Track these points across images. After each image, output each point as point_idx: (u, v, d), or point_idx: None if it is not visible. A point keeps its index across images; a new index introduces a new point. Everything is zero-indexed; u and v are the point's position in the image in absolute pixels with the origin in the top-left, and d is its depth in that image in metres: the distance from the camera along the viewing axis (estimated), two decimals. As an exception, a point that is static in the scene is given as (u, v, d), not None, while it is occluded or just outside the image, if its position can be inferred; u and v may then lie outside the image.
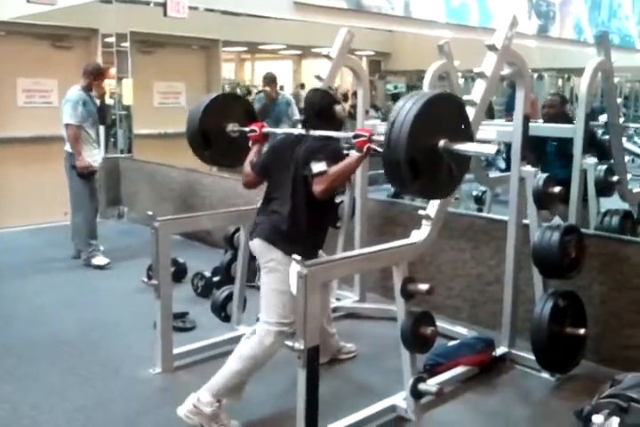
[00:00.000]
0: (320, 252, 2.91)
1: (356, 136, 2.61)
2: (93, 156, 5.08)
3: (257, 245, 2.77)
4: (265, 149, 3.06)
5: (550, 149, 4.55)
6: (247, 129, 3.13)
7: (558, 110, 4.61)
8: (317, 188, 2.61)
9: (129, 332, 3.69)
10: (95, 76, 4.98)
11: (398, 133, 2.17)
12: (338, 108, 2.88)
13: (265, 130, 3.10)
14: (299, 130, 2.89)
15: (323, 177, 2.60)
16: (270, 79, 6.75)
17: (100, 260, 4.99)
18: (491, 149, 2.28)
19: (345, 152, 2.76)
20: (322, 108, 2.86)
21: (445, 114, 2.30)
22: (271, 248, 2.70)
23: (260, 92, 12.26)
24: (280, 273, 2.58)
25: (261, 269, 2.78)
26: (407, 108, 2.19)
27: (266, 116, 6.38)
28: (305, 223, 2.72)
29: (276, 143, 2.99)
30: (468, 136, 2.35)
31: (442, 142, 2.22)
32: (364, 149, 2.58)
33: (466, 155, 2.35)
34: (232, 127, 3.26)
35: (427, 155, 2.22)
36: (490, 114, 6.71)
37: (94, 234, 5.10)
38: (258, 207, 2.92)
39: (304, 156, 2.71)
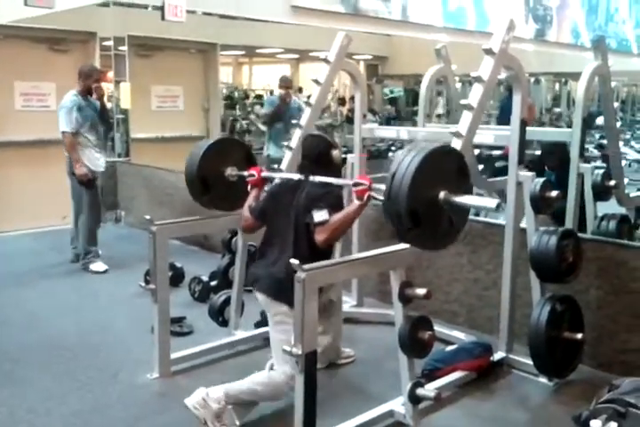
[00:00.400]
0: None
1: (355, 184, 2.62)
2: (95, 160, 5.00)
3: (262, 299, 2.78)
4: (264, 193, 3.06)
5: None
6: (246, 173, 3.13)
7: (560, 157, 4.43)
8: (320, 237, 2.62)
9: (126, 336, 3.68)
10: (91, 77, 4.85)
11: (399, 186, 2.22)
12: (335, 153, 2.90)
13: (264, 174, 3.11)
14: (297, 175, 2.89)
15: (325, 226, 2.61)
16: (287, 82, 6.74)
17: (98, 266, 4.97)
18: (491, 204, 2.30)
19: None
20: (319, 153, 2.87)
21: (445, 166, 2.34)
22: (277, 303, 2.70)
23: (267, 93, 12.25)
24: (288, 325, 2.56)
25: (270, 320, 2.80)
26: (407, 161, 2.24)
27: (278, 119, 6.37)
28: None
29: (275, 188, 3.00)
30: (467, 187, 2.39)
31: (442, 194, 2.27)
32: (365, 197, 2.59)
33: (465, 207, 2.38)
34: (230, 171, 3.26)
35: (427, 206, 2.27)
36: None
37: (93, 241, 5.06)
38: (258, 250, 2.93)
39: (305, 203, 2.72)
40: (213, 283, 4.29)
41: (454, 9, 8.03)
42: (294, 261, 2.29)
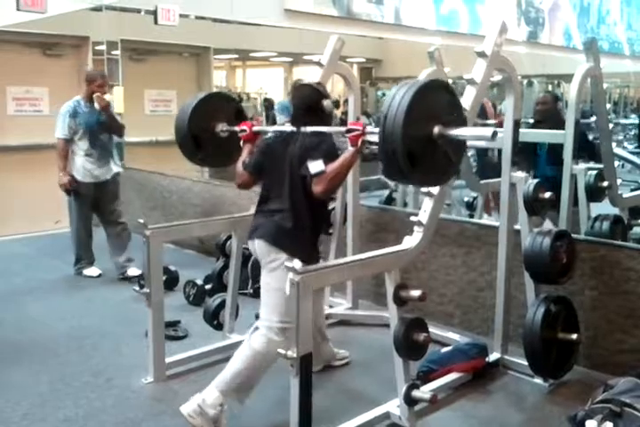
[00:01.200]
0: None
1: (349, 131, 2.59)
2: (85, 170, 4.71)
3: (259, 245, 2.75)
4: (257, 148, 3.03)
5: (541, 150, 4.58)
6: (237, 129, 3.11)
7: (550, 107, 4.62)
8: (318, 188, 2.60)
9: (121, 341, 3.67)
10: (94, 82, 4.59)
11: (392, 124, 2.15)
12: (326, 102, 2.86)
13: (255, 128, 3.08)
14: (290, 127, 2.86)
15: (322, 177, 2.59)
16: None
17: (91, 271, 4.92)
18: (487, 132, 2.25)
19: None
20: (310, 103, 2.84)
21: (437, 100, 2.28)
22: (275, 249, 2.69)
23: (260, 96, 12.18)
24: (283, 272, 2.52)
25: (263, 269, 2.77)
26: (399, 98, 2.17)
27: None
28: (307, 220, 2.72)
29: (269, 142, 2.96)
30: (462, 121, 2.33)
31: (436, 129, 2.21)
32: (359, 142, 2.56)
33: (461, 141, 2.33)
34: (221, 127, 3.23)
35: (423, 143, 2.21)
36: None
37: (80, 252, 4.95)
38: (255, 208, 2.90)
39: (299, 154, 2.70)
40: (208, 286, 4.28)
41: (447, 12, 8.07)
42: (288, 263, 2.29)
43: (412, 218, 2.79)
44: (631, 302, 3.10)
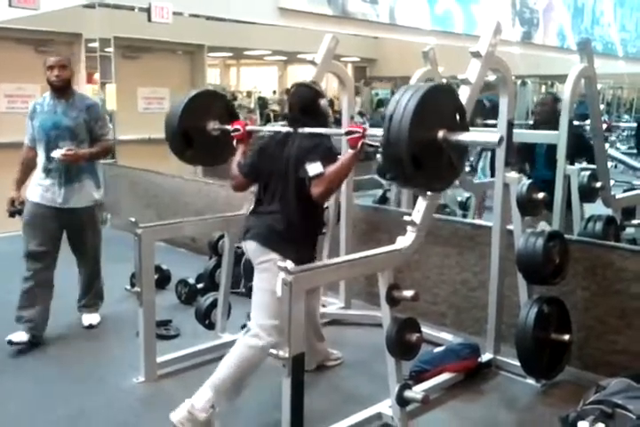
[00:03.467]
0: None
1: (348, 133, 2.57)
2: (38, 188, 3.57)
3: (251, 247, 2.74)
4: (251, 148, 3.00)
5: (539, 151, 4.57)
6: (230, 128, 3.07)
7: (550, 109, 4.62)
8: (316, 190, 2.57)
9: (112, 340, 3.65)
10: (46, 68, 3.52)
11: (398, 128, 2.13)
12: (323, 102, 2.84)
13: (249, 128, 3.04)
14: (286, 128, 2.83)
15: (320, 179, 2.56)
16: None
17: (17, 336, 3.44)
18: (493, 138, 2.25)
19: None
20: (307, 103, 2.81)
21: (442, 105, 2.27)
22: (266, 250, 2.68)
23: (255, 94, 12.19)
24: (273, 274, 2.50)
25: (255, 269, 2.76)
26: (405, 101, 2.15)
27: None
28: (300, 223, 2.70)
29: (264, 142, 2.92)
30: (464, 125, 2.32)
31: (441, 133, 2.20)
32: (358, 145, 2.54)
33: (464, 146, 2.32)
34: (213, 125, 3.20)
35: (427, 147, 2.19)
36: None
37: (19, 307, 3.55)
38: (249, 209, 2.89)
39: (296, 155, 2.67)
40: (200, 285, 4.27)
41: (442, 12, 8.07)
42: (281, 264, 2.27)
43: (406, 218, 2.78)
44: (624, 303, 3.11)
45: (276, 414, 2.45)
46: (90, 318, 3.84)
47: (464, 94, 2.89)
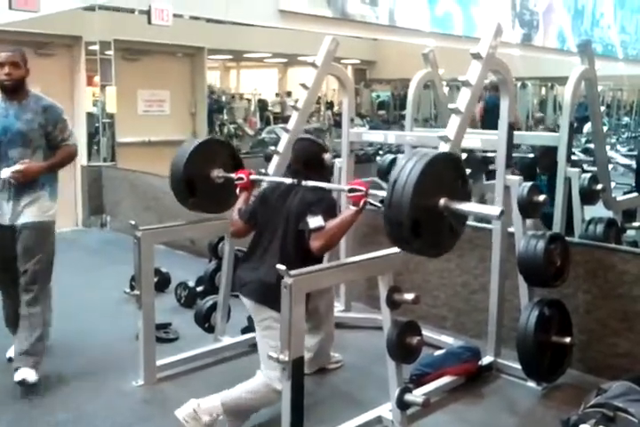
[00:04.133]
0: None
1: (351, 190, 2.58)
2: None
3: (249, 304, 2.74)
4: (253, 197, 3.01)
5: None
6: (234, 176, 3.08)
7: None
8: (316, 244, 2.58)
9: (111, 343, 3.63)
10: None
11: (400, 195, 2.18)
12: (327, 156, 2.87)
13: (253, 177, 3.05)
14: (289, 179, 2.83)
15: (320, 233, 2.57)
16: None
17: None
18: (494, 211, 2.29)
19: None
20: (311, 157, 2.84)
21: (445, 172, 2.31)
22: (265, 308, 2.65)
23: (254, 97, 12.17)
24: (276, 331, 2.50)
25: (256, 325, 2.76)
26: (409, 168, 2.19)
27: None
28: None
29: (266, 192, 2.93)
30: (466, 194, 2.35)
31: (442, 201, 2.23)
32: (361, 203, 2.56)
33: (464, 215, 2.35)
34: (217, 173, 3.21)
35: (428, 213, 2.23)
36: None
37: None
38: (242, 256, 2.89)
39: (298, 208, 2.68)
40: (200, 288, 4.25)
41: (442, 14, 8.07)
42: (280, 267, 2.27)
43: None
44: (625, 306, 3.10)
45: (276, 418, 2.44)
46: (25, 373, 3.00)
47: (465, 96, 2.89)
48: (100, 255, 5.34)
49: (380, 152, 7.50)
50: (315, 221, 2.58)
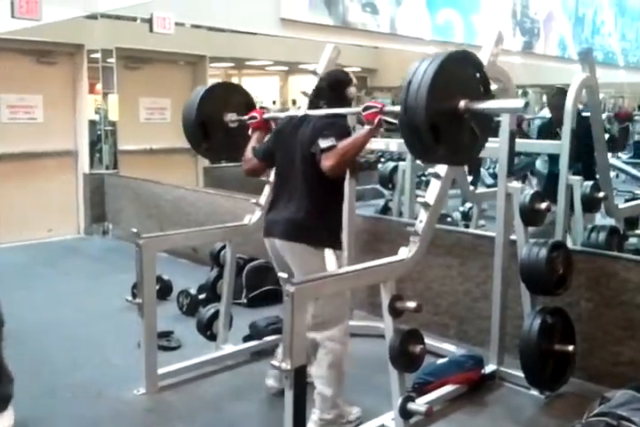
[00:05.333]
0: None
1: (366, 108, 2.50)
2: None
3: (280, 244, 2.71)
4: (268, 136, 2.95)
5: None
6: (246, 117, 3.02)
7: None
8: (326, 163, 2.49)
9: (113, 351, 3.63)
10: None
11: (415, 96, 2.05)
12: (352, 89, 2.80)
13: (266, 116, 2.99)
14: (302, 111, 2.77)
15: (331, 152, 2.48)
16: None
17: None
18: (517, 104, 2.17)
19: None
20: (337, 84, 2.77)
21: (464, 73, 2.20)
22: (297, 244, 2.64)
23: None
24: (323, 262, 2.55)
25: (295, 267, 2.71)
26: (423, 68, 2.08)
27: None
28: (320, 204, 2.66)
29: (280, 127, 2.87)
30: (489, 96, 2.24)
31: (462, 103, 2.12)
32: (375, 121, 2.47)
33: (488, 116, 2.24)
34: (230, 117, 3.16)
35: (448, 117, 2.11)
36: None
37: None
38: (268, 201, 2.86)
39: (311, 134, 2.62)
40: (202, 296, 4.25)
41: (442, 22, 8.09)
42: (282, 275, 2.26)
43: (409, 228, 2.77)
44: (628, 314, 3.08)
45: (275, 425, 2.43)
46: None
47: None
48: (101, 263, 5.33)
49: (382, 160, 7.52)
50: (325, 143, 2.50)
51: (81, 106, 6.52)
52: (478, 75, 2.25)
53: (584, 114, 3.81)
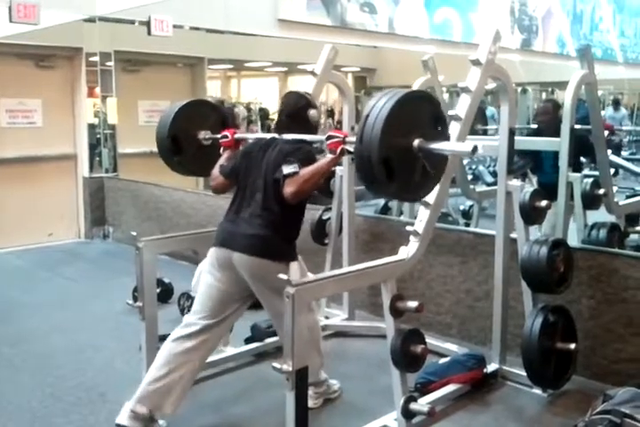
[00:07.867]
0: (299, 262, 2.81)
1: (329, 137, 2.55)
2: None
3: (238, 259, 2.70)
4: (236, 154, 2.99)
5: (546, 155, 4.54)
6: (219, 136, 3.07)
7: (552, 117, 4.59)
8: (288, 189, 2.55)
9: (114, 355, 3.63)
10: None
11: (371, 129, 2.11)
12: (312, 112, 2.84)
13: (237, 136, 3.05)
14: (271, 134, 2.84)
15: (293, 178, 2.54)
16: None
17: None
18: (466, 147, 2.23)
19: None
20: (296, 110, 2.83)
21: (421, 113, 2.25)
22: (266, 261, 2.65)
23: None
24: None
25: (259, 283, 2.71)
26: (381, 104, 2.14)
27: None
28: (279, 227, 2.68)
29: (247, 147, 2.93)
30: (445, 137, 2.29)
31: (417, 142, 2.18)
32: (338, 150, 2.51)
33: (443, 155, 2.29)
34: (204, 135, 3.21)
35: (401, 154, 2.17)
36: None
37: None
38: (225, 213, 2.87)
39: (275, 158, 2.67)
40: (203, 298, 4.23)
41: (440, 21, 8.09)
42: (282, 276, 2.25)
43: (408, 228, 2.76)
44: (629, 311, 3.08)
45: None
46: None
47: (464, 102, 2.89)
48: (102, 267, 5.33)
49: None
50: (288, 169, 2.55)
51: (80, 109, 6.52)
52: (435, 114, 2.29)
53: (577, 126, 3.83)
